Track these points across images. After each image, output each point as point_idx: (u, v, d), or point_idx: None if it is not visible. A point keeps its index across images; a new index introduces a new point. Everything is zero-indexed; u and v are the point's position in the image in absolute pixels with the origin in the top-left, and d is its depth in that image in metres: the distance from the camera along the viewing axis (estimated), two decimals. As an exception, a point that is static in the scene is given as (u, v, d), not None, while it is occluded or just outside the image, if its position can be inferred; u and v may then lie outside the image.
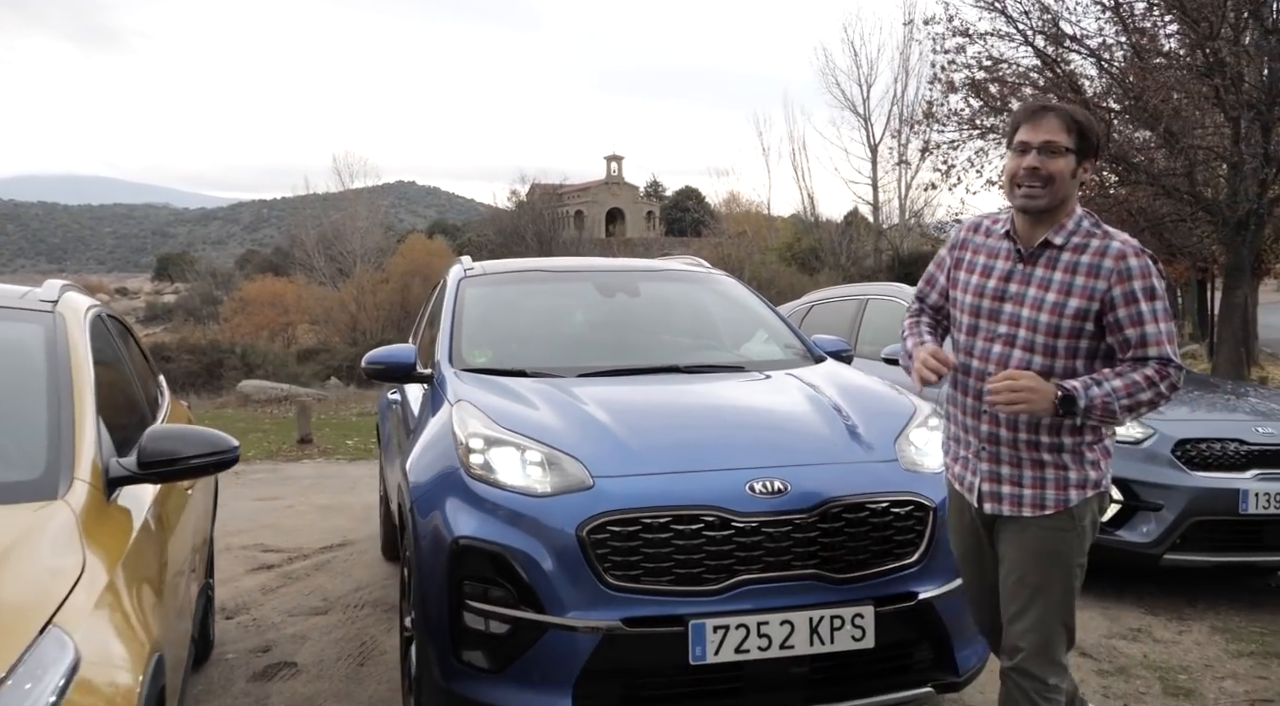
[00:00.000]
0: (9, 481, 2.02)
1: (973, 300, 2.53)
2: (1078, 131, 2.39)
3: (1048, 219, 2.43)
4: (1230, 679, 3.79)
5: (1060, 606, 2.43)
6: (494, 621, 2.75)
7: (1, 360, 2.47)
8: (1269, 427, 4.82)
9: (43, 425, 2.21)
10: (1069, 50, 15.31)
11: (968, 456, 2.56)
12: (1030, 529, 2.44)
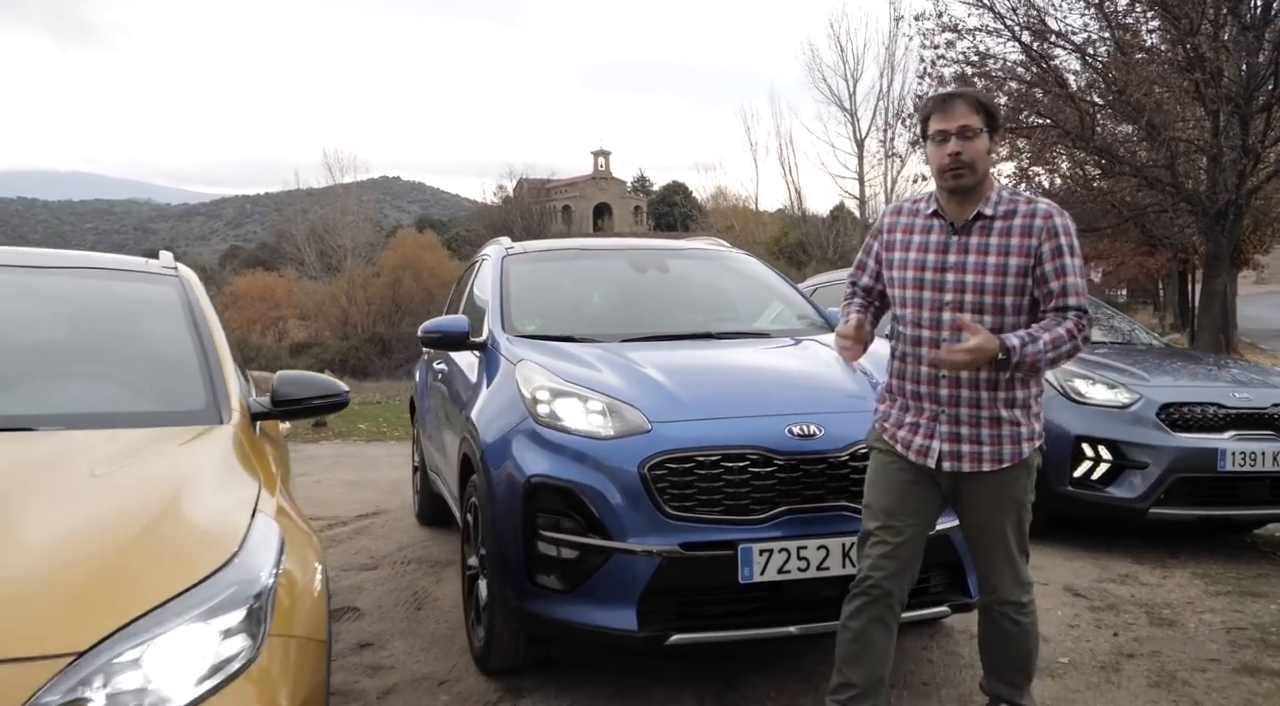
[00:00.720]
0: (182, 410, 2.38)
1: (914, 275, 2.71)
2: (984, 112, 2.64)
3: (973, 195, 2.66)
4: (1209, 612, 4.20)
5: (1020, 540, 2.77)
6: (565, 548, 3.12)
7: (149, 314, 2.82)
8: (1245, 393, 5.23)
9: (195, 367, 2.57)
10: (1054, 45, 15.74)
11: (920, 422, 2.73)
12: (991, 481, 2.69)
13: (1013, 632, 2.80)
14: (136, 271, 3.04)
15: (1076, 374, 5.33)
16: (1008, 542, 2.76)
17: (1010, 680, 2.87)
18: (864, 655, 2.75)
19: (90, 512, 1.78)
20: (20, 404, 2.37)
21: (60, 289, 2.88)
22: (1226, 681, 3.43)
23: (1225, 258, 15.90)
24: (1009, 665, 2.86)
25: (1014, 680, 2.87)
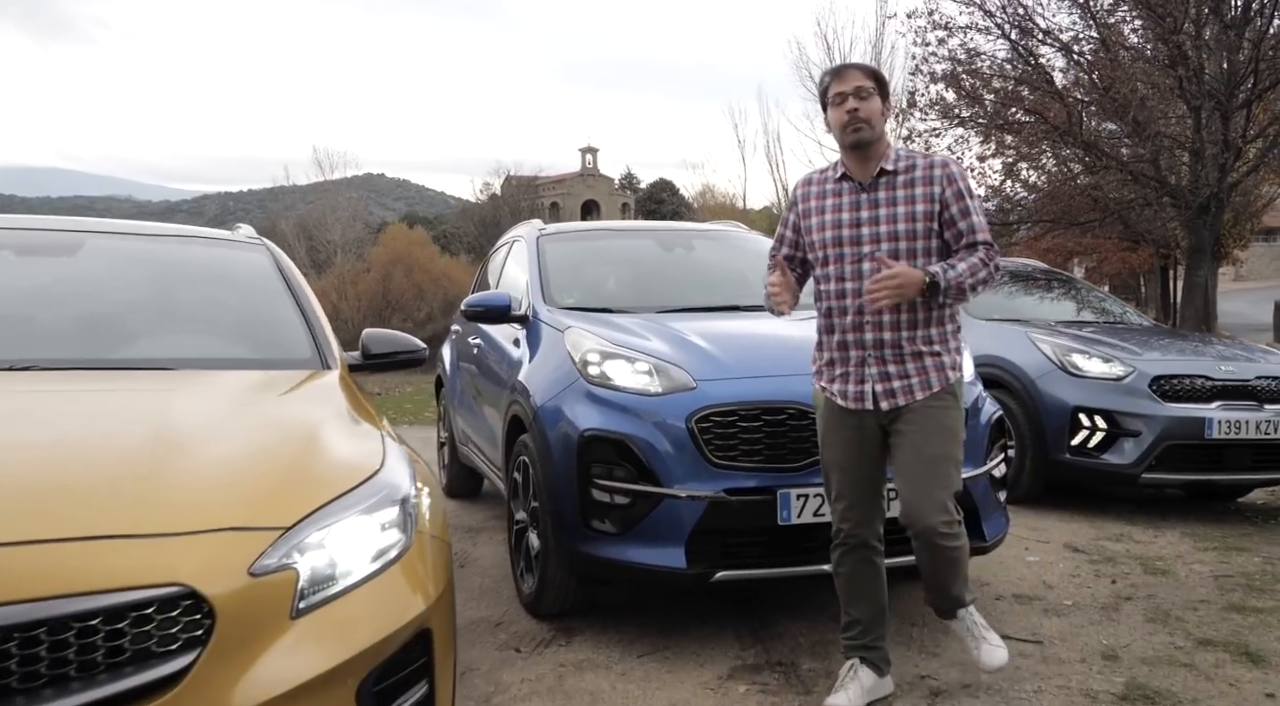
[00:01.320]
0: (295, 357, 2.66)
1: (832, 234, 2.93)
2: (875, 78, 2.91)
3: (874, 153, 2.88)
4: (1198, 564, 4.54)
5: (953, 467, 2.89)
6: (617, 495, 3.41)
7: (249, 276, 3.10)
8: (1230, 366, 5.58)
9: (297, 322, 2.86)
10: (1041, 44, 16.11)
11: (850, 371, 2.92)
12: (924, 409, 2.86)
13: (951, 559, 2.93)
14: (230, 240, 3.31)
15: (1074, 349, 5.67)
16: (938, 472, 2.86)
17: (957, 593, 3.02)
18: (860, 594, 3.01)
19: (262, 430, 2.06)
20: (158, 349, 2.64)
21: (172, 254, 3.16)
22: (1216, 617, 3.76)
23: (1207, 251, 16.29)
24: (953, 582, 3.00)
25: (959, 591, 3.02)
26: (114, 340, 2.64)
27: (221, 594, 1.56)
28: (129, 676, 1.45)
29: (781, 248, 3.14)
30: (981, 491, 3.67)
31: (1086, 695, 3.03)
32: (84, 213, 76.19)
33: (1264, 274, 55.17)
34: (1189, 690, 3.06)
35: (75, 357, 2.46)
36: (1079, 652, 3.39)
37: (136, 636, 1.48)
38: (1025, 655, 3.37)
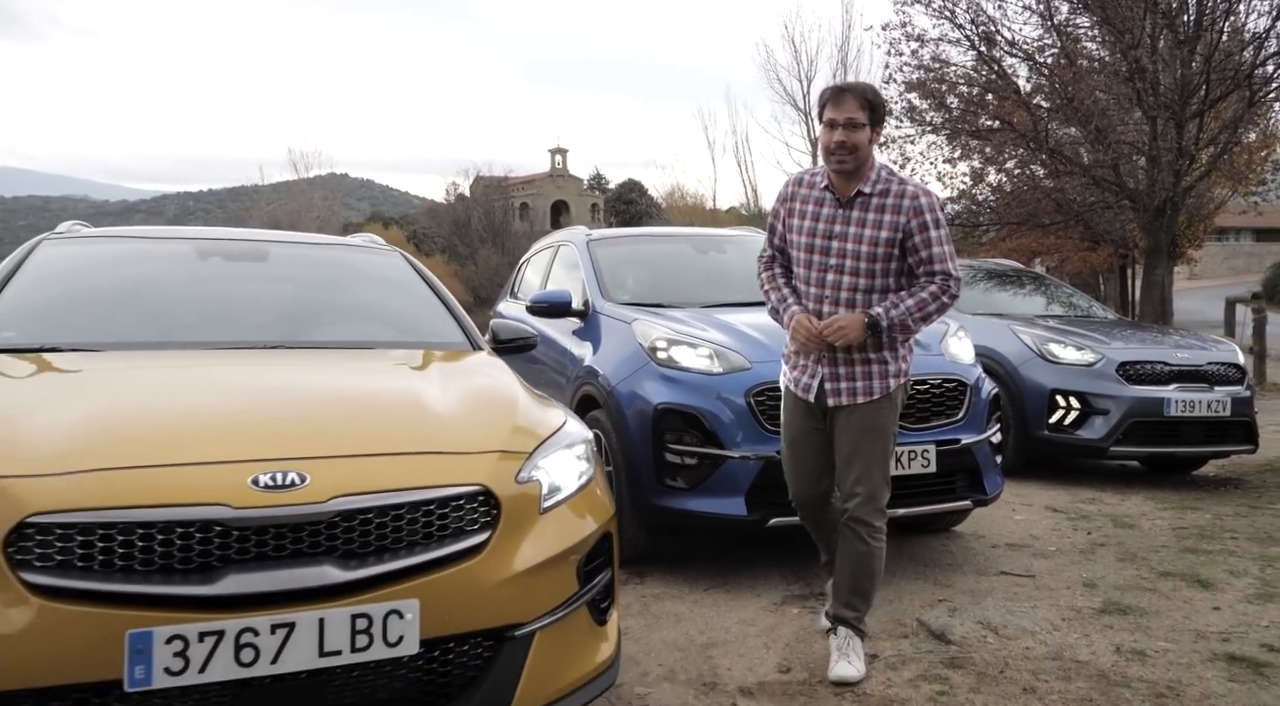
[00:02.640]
0: (451, 340, 3.34)
1: (807, 240, 3.15)
2: (870, 108, 3.04)
3: (856, 175, 3.08)
4: (1159, 519, 5.34)
5: (883, 465, 3.14)
6: (687, 457, 4.11)
7: (395, 276, 3.76)
8: (1185, 353, 6.40)
9: (444, 312, 3.53)
10: (1006, 54, 17.00)
11: (807, 364, 3.19)
12: (861, 411, 3.12)
13: (862, 552, 3.15)
14: (367, 246, 3.98)
15: (1051, 339, 6.46)
16: (871, 467, 3.13)
17: (849, 602, 3.20)
18: (832, 527, 3.34)
19: (475, 389, 2.73)
20: (354, 332, 3.30)
21: (334, 258, 3.83)
22: (1174, 557, 4.55)
23: (1164, 251, 17.27)
24: (852, 588, 3.19)
25: (853, 603, 3.20)
26: (326, 327, 3.29)
27: (504, 493, 2.23)
28: (454, 543, 2.13)
29: (774, 239, 3.34)
30: (984, 454, 4.42)
31: (1073, 609, 3.78)
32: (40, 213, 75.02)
33: (1217, 273, 56.72)
34: (1153, 606, 3.83)
35: (302, 340, 3.11)
36: (1064, 582, 4.15)
37: (452, 518, 2.15)
38: (1021, 585, 4.12)
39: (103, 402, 2.32)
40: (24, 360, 2.68)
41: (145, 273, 3.42)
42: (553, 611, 2.29)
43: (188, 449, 2.09)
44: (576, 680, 2.37)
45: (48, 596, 1.83)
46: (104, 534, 1.88)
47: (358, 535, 2.04)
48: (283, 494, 1.99)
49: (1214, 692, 2.98)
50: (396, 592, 2.04)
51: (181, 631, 1.86)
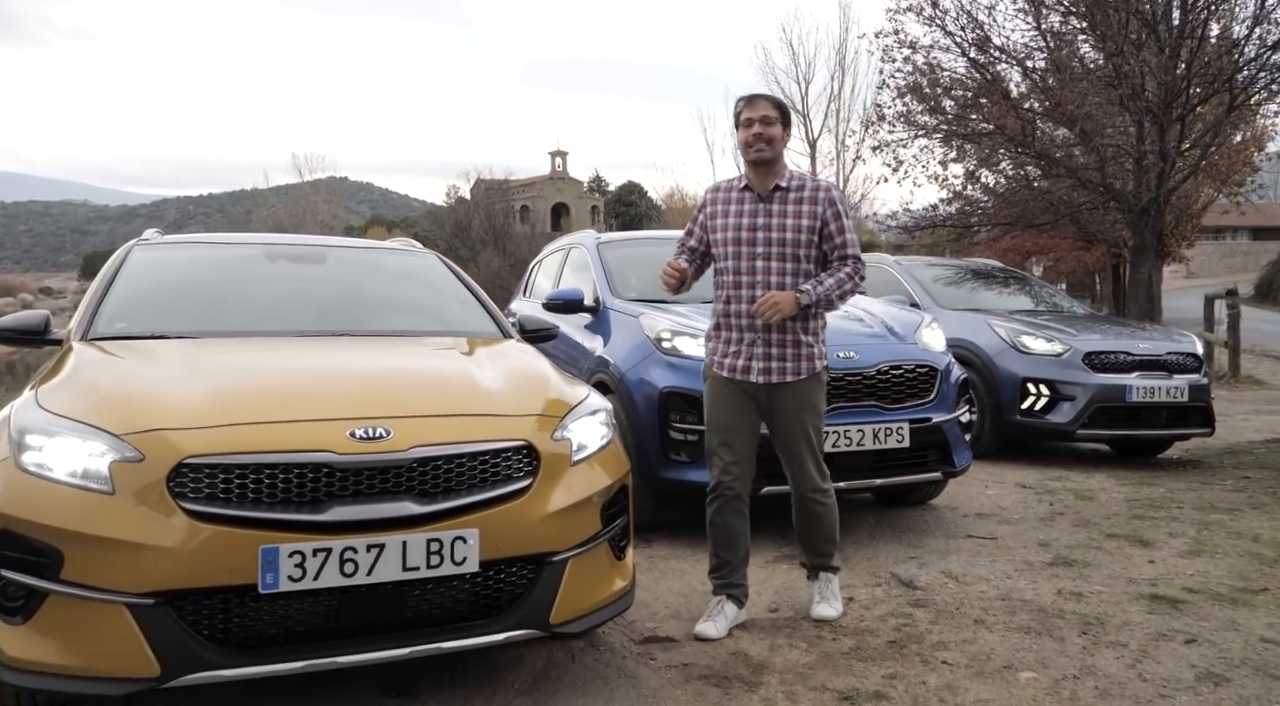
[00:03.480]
0: (485, 330, 3.89)
1: (733, 234, 3.49)
2: (780, 109, 3.49)
3: (772, 171, 3.47)
4: (1116, 493, 5.90)
5: (818, 441, 3.56)
6: (689, 434, 4.66)
7: (433, 275, 4.31)
8: (1146, 344, 6.96)
9: (477, 306, 4.08)
10: (996, 60, 17.55)
11: (741, 348, 3.50)
12: (795, 389, 3.49)
13: (820, 513, 3.62)
14: (407, 250, 4.55)
15: (1023, 332, 7.02)
16: (809, 441, 3.55)
17: (822, 550, 3.69)
18: (731, 539, 3.63)
19: (512, 367, 3.28)
20: (403, 323, 3.84)
21: (380, 260, 4.40)
22: (1123, 522, 5.10)
23: (1149, 250, 17.82)
24: (821, 538, 3.67)
25: (825, 549, 3.69)
26: (379, 319, 3.83)
27: (543, 448, 2.78)
28: (505, 486, 2.68)
29: (689, 240, 3.68)
30: (953, 431, 4.96)
31: (1026, 563, 4.33)
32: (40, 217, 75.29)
33: (1215, 271, 57.14)
34: (1096, 559, 4.38)
35: (361, 329, 3.65)
36: (1022, 543, 4.71)
37: (503, 467, 2.71)
38: (984, 546, 4.67)
39: (222, 376, 2.88)
40: (142, 345, 3.23)
41: (224, 273, 3.98)
42: (581, 544, 2.85)
43: (298, 409, 2.65)
44: (600, 601, 2.92)
45: (200, 519, 2.38)
46: (239, 473, 2.44)
47: (431, 477, 2.60)
48: (374, 444, 2.55)
49: (1133, 621, 3.53)
50: (461, 523, 2.59)
51: (300, 548, 2.41)
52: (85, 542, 2.35)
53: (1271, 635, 3.38)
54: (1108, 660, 3.17)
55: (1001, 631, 3.47)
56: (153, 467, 2.41)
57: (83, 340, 3.31)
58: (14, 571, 2.39)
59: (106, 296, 3.60)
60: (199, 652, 2.39)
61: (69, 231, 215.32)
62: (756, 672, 3.15)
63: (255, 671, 2.45)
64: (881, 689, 2.99)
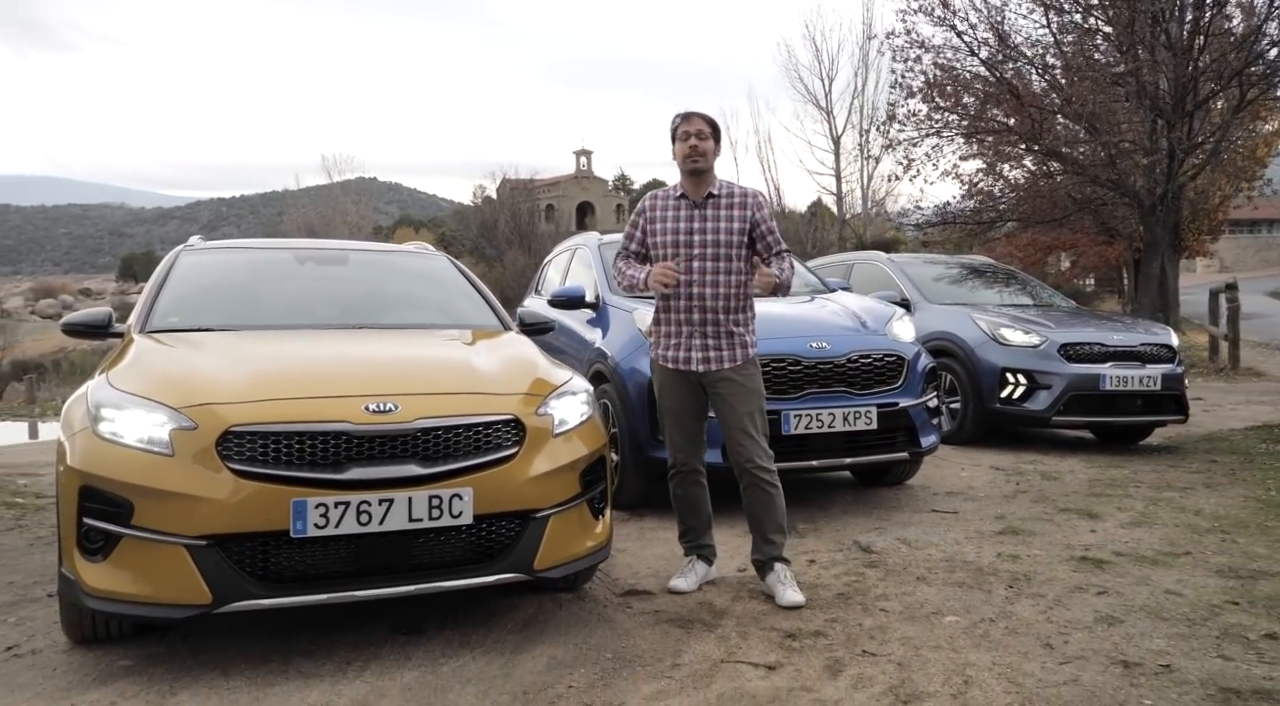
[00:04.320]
0: (488, 324, 4.41)
1: (672, 238, 3.85)
2: (711, 126, 3.88)
3: (705, 180, 3.85)
4: (1082, 474, 6.33)
5: (761, 423, 3.88)
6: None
7: (443, 275, 4.84)
8: (1120, 336, 7.38)
9: (483, 304, 4.60)
10: (1007, 59, 17.84)
11: (681, 341, 3.87)
12: (734, 376, 3.84)
13: (770, 495, 3.88)
14: (421, 252, 5.09)
15: (1002, 324, 7.45)
16: (753, 422, 3.85)
17: (772, 539, 3.90)
18: (693, 507, 4.05)
19: (508, 354, 3.79)
20: (415, 317, 4.37)
21: (396, 262, 4.96)
22: (1079, 499, 5.54)
23: (1162, 245, 18.06)
24: (770, 527, 3.90)
25: (775, 539, 3.90)
26: (393, 313, 4.38)
27: (528, 422, 3.29)
28: (495, 453, 3.19)
29: (631, 244, 4.04)
30: (919, 415, 5.42)
31: (978, 532, 4.79)
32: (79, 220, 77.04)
33: (1250, 265, 56.60)
34: (1043, 529, 4.83)
35: (377, 322, 4.19)
36: (979, 516, 5.17)
37: (494, 436, 3.22)
38: (944, 518, 5.13)
39: (259, 360, 3.42)
40: (190, 336, 3.78)
41: (259, 274, 4.54)
42: (561, 503, 3.35)
43: (322, 387, 3.18)
44: (577, 553, 3.43)
45: (243, 477, 2.91)
46: (274, 439, 2.97)
47: (432, 444, 3.11)
48: (384, 416, 3.07)
49: (1057, 578, 3.98)
50: (457, 483, 3.11)
51: (324, 501, 2.94)
52: (151, 495, 2.89)
53: (1176, 588, 3.83)
54: (1024, 607, 3.63)
55: (939, 586, 3.94)
56: (205, 434, 2.95)
57: (141, 332, 3.86)
58: (95, 519, 2.94)
59: (159, 295, 4.16)
60: (243, 585, 2.92)
61: (107, 234, 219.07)
62: (716, 617, 3.64)
63: (288, 601, 2.98)
64: (821, 629, 3.47)
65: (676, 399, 3.99)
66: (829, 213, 39.18)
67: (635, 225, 4.06)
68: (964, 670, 3.04)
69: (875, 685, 2.96)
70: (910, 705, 2.81)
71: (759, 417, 3.93)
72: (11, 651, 3.37)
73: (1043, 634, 3.35)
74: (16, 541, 5.07)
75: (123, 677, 3.06)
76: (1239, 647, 3.18)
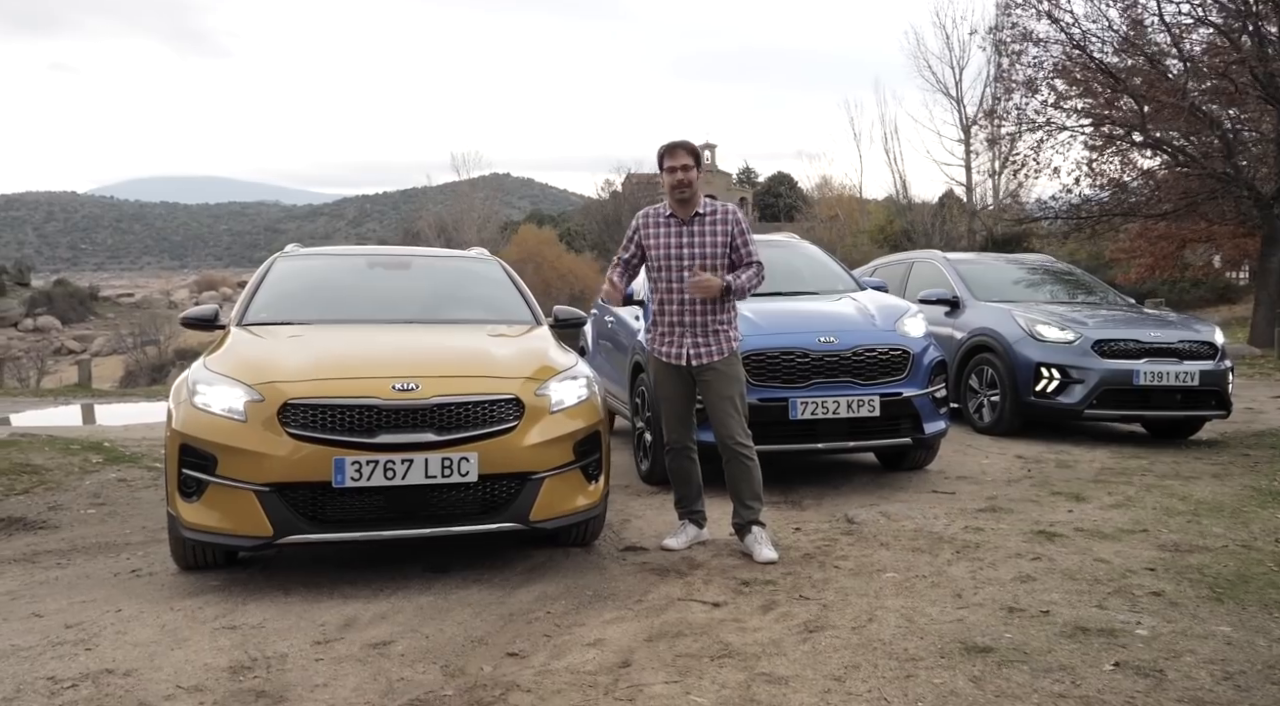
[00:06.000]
0: (524, 320, 5.19)
1: (664, 252, 4.49)
2: (694, 155, 4.46)
3: (692, 203, 4.48)
4: (1097, 463, 6.66)
5: (742, 402, 4.51)
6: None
7: (492, 278, 5.65)
8: (1158, 333, 7.61)
9: (521, 303, 5.39)
10: (1135, 52, 17.32)
11: (674, 339, 4.51)
12: (719, 367, 4.48)
13: (748, 467, 4.49)
14: (477, 257, 5.93)
15: (1039, 322, 7.79)
16: (736, 407, 4.50)
17: (750, 506, 4.50)
18: (684, 478, 4.71)
19: (525, 345, 4.57)
20: (460, 313, 5.20)
21: (453, 265, 5.83)
22: (1079, 485, 5.93)
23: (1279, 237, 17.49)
24: (748, 495, 4.50)
25: (753, 505, 4.51)
26: (442, 310, 5.22)
27: (527, 401, 4.03)
28: (498, 425, 3.95)
29: (624, 254, 4.62)
30: (924, 404, 5.93)
31: (961, 510, 5.29)
32: (238, 217, 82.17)
33: None
34: (1023, 508, 5.28)
35: (432, 317, 5.05)
36: (972, 497, 5.64)
37: (496, 412, 3.98)
38: (940, 499, 5.63)
39: (317, 348, 4.29)
40: (273, 328, 4.70)
41: (336, 277, 5.47)
42: (555, 468, 4.10)
43: (359, 370, 4.03)
44: (568, 510, 4.17)
45: (297, 439, 3.77)
46: (322, 410, 3.81)
47: (445, 417, 3.90)
48: (407, 394, 3.87)
49: (1005, 547, 4.48)
50: (465, 448, 3.89)
51: (358, 459, 3.76)
52: (230, 452, 3.78)
53: (1108, 557, 4.28)
54: (959, 568, 4.17)
55: (896, 550, 4.50)
56: (270, 405, 3.82)
57: (237, 325, 4.81)
58: (190, 470, 3.85)
59: (255, 294, 5.11)
60: (296, 523, 3.78)
61: (263, 230, 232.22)
62: (691, 569, 4.32)
63: (330, 537, 3.83)
64: (774, 579, 4.10)
65: (670, 387, 4.66)
66: (959, 204, 38.16)
67: (631, 240, 4.67)
68: (874, 611, 3.63)
69: (794, 620, 3.58)
70: (814, 633, 3.42)
71: (739, 401, 4.56)
72: (134, 573, 4.36)
73: (960, 588, 3.89)
74: (153, 496, 6.16)
75: (210, 592, 3.98)
76: (1121, 601, 3.66)
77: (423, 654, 3.28)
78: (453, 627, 3.55)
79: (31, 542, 5.08)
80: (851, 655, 3.19)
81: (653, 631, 3.48)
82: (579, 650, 3.30)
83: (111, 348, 49.89)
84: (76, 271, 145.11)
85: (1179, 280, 33.00)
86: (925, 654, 3.17)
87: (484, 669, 3.14)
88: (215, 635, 3.45)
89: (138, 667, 3.14)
